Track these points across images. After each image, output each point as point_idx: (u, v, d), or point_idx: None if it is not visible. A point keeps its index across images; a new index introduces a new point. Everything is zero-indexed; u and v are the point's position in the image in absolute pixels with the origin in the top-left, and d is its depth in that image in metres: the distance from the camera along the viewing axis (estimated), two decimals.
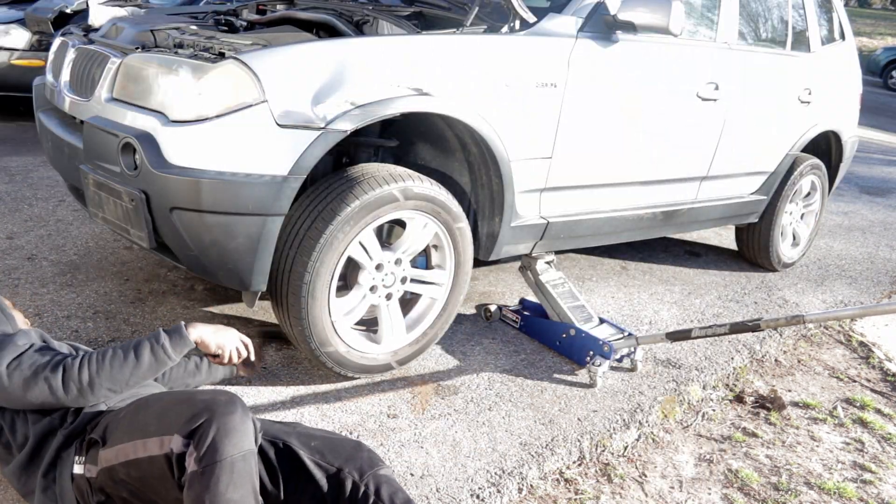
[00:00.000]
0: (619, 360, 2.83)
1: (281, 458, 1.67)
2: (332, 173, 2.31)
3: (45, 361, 1.60)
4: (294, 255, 2.18)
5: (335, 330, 2.31)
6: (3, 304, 1.85)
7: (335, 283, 2.26)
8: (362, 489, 1.62)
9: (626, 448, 2.39)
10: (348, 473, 1.64)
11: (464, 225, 2.49)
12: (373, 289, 2.39)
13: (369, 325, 2.51)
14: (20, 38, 5.32)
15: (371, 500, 1.60)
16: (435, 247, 2.52)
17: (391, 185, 2.24)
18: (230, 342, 1.81)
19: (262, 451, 1.65)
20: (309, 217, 2.18)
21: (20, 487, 1.67)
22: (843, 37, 4.31)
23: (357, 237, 2.24)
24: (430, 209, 2.36)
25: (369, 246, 2.31)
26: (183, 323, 1.74)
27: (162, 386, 1.92)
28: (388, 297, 2.44)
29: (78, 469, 1.57)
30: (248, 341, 1.87)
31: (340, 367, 2.38)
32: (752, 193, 3.87)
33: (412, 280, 2.49)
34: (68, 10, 5.24)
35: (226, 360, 1.81)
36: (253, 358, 1.89)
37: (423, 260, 2.56)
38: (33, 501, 1.63)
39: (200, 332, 1.75)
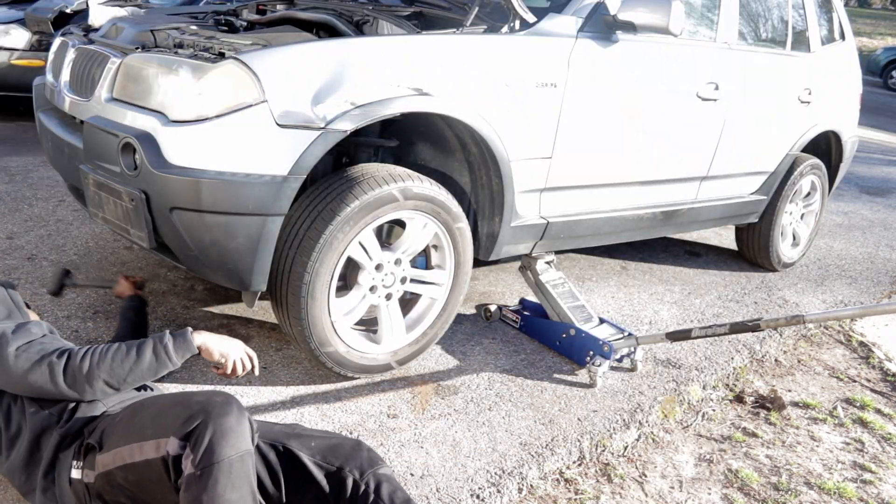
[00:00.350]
0: (619, 360, 2.83)
1: (281, 460, 1.67)
2: (332, 173, 2.31)
3: (52, 349, 1.63)
4: (294, 256, 2.18)
5: (335, 330, 2.31)
6: (20, 301, 1.87)
7: (335, 284, 2.26)
8: (362, 488, 1.62)
9: (626, 448, 2.39)
10: (349, 472, 1.63)
11: (463, 225, 2.49)
12: (372, 289, 2.39)
13: (369, 325, 2.52)
14: (20, 38, 5.32)
15: (371, 499, 1.60)
16: (435, 247, 2.52)
17: (390, 185, 2.24)
18: (234, 352, 1.78)
19: (262, 454, 1.65)
20: (308, 217, 2.18)
21: (20, 486, 1.67)
22: (843, 37, 4.31)
23: (357, 237, 2.24)
24: (430, 209, 2.36)
25: (369, 246, 2.31)
26: (190, 329, 1.73)
27: (162, 388, 1.92)
28: (388, 297, 2.44)
29: (76, 474, 1.57)
30: (253, 354, 1.83)
31: (340, 368, 2.38)
32: (752, 193, 3.87)
33: (412, 280, 2.49)
34: (68, 10, 5.24)
35: (229, 371, 1.78)
36: (257, 372, 1.87)
37: (423, 260, 2.56)
38: (34, 500, 1.64)
39: (205, 339, 1.74)
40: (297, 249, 2.17)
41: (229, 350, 1.77)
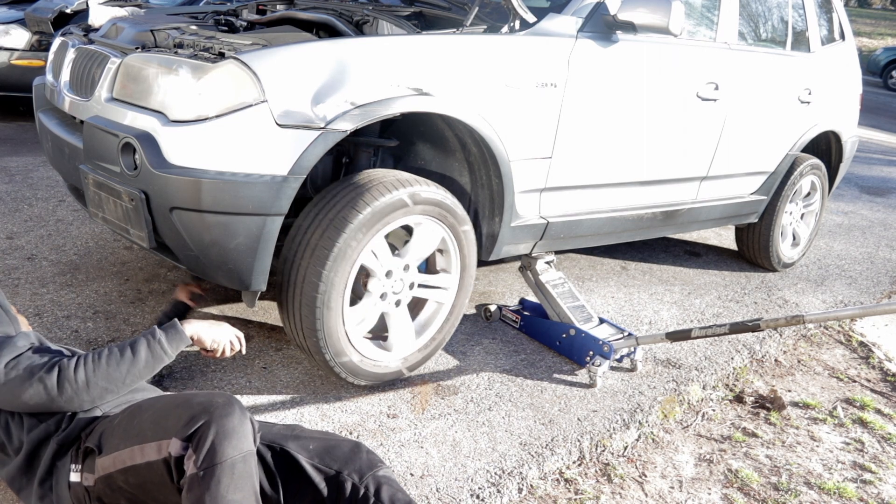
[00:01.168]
0: (619, 360, 2.83)
1: (278, 462, 1.66)
2: (338, 181, 2.28)
3: (41, 363, 1.59)
4: (307, 266, 2.15)
5: (349, 340, 2.30)
6: (8, 306, 1.85)
7: (349, 293, 2.25)
8: (362, 491, 1.61)
9: (626, 448, 2.39)
10: (348, 476, 1.63)
11: (468, 228, 2.49)
12: (383, 296, 2.38)
13: (374, 333, 2.50)
14: (20, 38, 5.32)
15: (371, 502, 1.60)
16: (440, 251, 2.51)
17: (400, 190, 2.22)
18: (224, 336, 1.83)
19: (259, 456, 1.64)
20: (319, 226, 2.16)
21: (18, 491, 1.66)
22: (843, 37, 4.31)
23: (369, 244, 2.23)
24: (438, 213, 2.36)
25: (380, 253, 2.30)
26: (177, 320, 1.75)
27: (158, 389, 1.91)
28: (398, 303, 2.43)
29: (75, 477, 1.56)
30: (241, 335, 1.90)
31: (354, 377, 2.36)
32: (752, 193, 3.87)
33: (419, 285, 2.48)
34: (68, 10, 5.24)
35: (219, 354, 1.83)
36: (244, 351, 1.93)
37: (423, 264, 2.55)
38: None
39: (196, 328, 1.76)
40: (311, 259, 2.14)
41: (220, 336, 1.83)
